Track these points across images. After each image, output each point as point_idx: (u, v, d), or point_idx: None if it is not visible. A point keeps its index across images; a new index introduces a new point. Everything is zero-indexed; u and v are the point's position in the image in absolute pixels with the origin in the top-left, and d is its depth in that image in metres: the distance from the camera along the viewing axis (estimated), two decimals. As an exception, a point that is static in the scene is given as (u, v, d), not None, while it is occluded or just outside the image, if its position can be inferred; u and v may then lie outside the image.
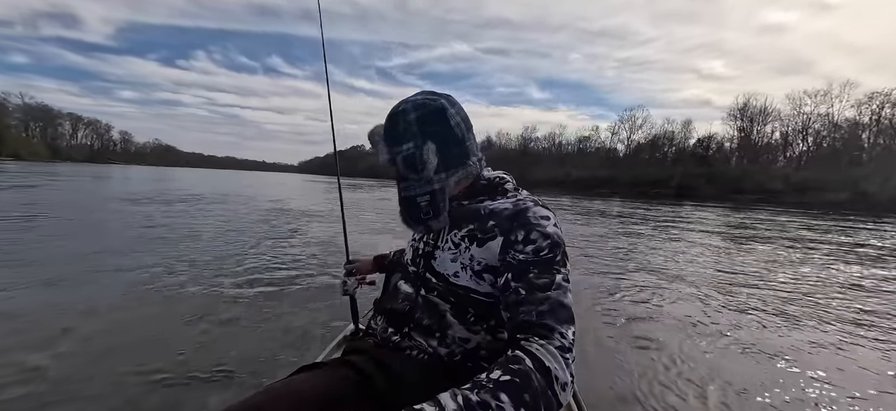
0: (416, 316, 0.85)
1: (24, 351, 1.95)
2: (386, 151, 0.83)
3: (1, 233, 4.85)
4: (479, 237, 0.79)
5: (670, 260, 5.40)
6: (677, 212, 16.32)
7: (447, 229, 0.85)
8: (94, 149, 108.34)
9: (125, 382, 1.72)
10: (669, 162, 59.67)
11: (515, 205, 0.79)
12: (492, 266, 0.77)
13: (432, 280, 0.85)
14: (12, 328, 2.21)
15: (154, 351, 2.02)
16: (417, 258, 0.89)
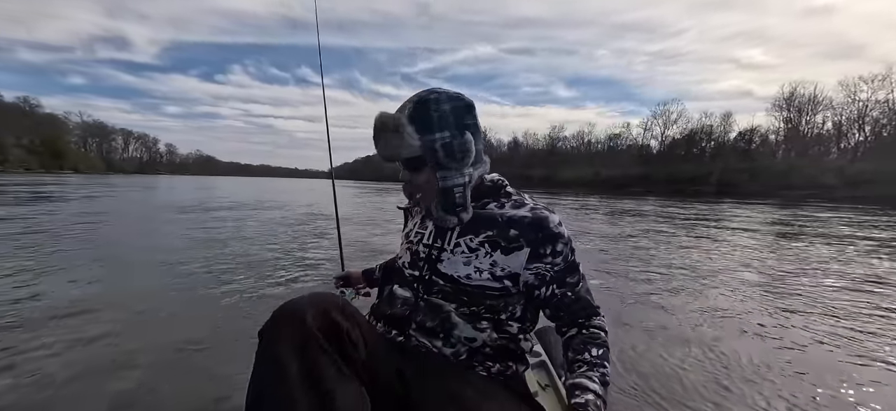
0: (418, 319, 0.85)
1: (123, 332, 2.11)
2: (416, 137, 0.81)
3: (77, 238, 5.30)
4: (503, 245, 0.83)
5: (721, 267, 5.12)
6: (719, 210, 15.47)
7: (456, 231, 0.86)
8: (143, 162, 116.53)
9: (184, 346, 2.01)
10: (708, 157, 56.67)
11: (534, 215, 0.84)
12: (515, 273, 0.83)
13: (439, 282, 0.85)
14: (110, 307, 2.55)
15: (198, 322, 2.34)
16: (418, 261, 0.89)
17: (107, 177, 50.95)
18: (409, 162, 0.85)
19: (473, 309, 0.84)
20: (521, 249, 0.82)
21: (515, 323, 0.86)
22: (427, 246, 0.89)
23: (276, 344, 0.64)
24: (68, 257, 4.14)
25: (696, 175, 47.66)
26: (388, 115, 0.83)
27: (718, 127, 59.31)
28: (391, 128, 0.82)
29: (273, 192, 19.18)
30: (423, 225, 0.93)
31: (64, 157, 77.17)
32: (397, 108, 0.85)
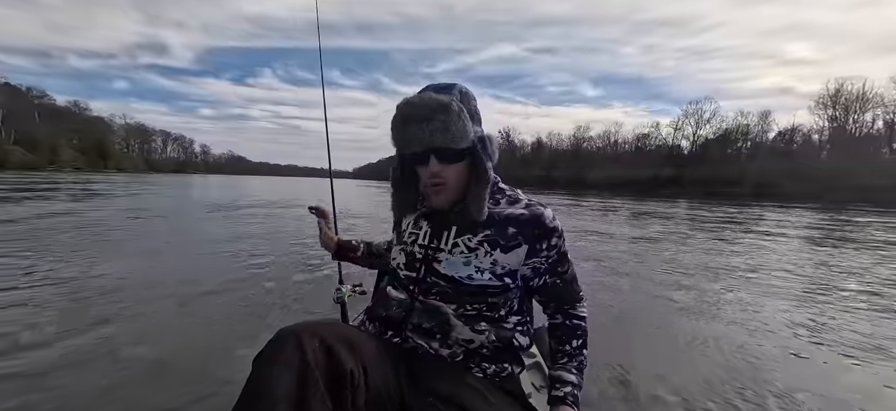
0: (415, 321, 0.84)
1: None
2: (471, 126, 0.79)
3: (131, 231, 5.68)
4: (502, 244, 0.82)
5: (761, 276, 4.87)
6: (755, 214, 14.72)
7: (453, 231, 0.84)
8: (180, 161, 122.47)
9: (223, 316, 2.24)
10: (745, 158, 54.03)
11: (530, 212, 0.84)
12: (514, 270, 0.84)
13: (439, 283, 0.83)
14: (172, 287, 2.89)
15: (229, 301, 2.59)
16: (415, 263, 0.86)
17: (147, 175, 53.92)
18: (450, 152, 0.79)
19: (474, 308, 0.83)
20: (520, 246, 0.83)
21: (513, 317, 0.87)
22: (423, 247, 0.87)
23: (269, 377, 0.60)
24: (130, 244, 4.65)
25: (732, 177, 45.49)
26: (447, 98, 0.77)
27: (756, 126, 56.49)
28: (455, 110, 0.77)
29: (298, 192, 19.76)
30: (416, 225, 0.91)
31: (109, 157, 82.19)
32: (429, 93, 0.78)
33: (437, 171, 0.79)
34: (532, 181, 66.68)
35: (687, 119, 63.59)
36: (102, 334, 2.14)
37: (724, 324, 2.68)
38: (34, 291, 2.81)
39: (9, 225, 5.79)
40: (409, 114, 0.77)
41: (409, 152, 0.81)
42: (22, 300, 2.63)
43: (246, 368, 0.65)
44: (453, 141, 0.77)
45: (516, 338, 0.87)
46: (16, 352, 1.89)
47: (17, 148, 60.55)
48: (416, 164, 0.82)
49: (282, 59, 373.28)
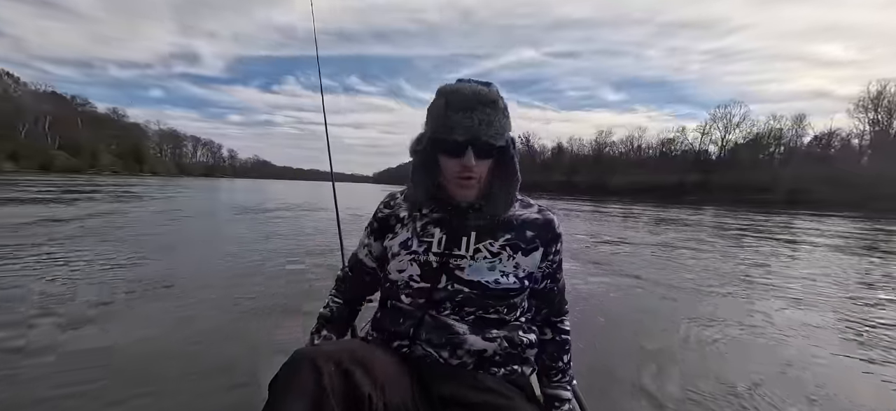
0: (424, 336, 0.82)
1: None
2: (502, 123, 0.78)
3: (169, 229, 6.03)
4: (523, 247, 0.84)
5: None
6: (791, 224, 14.11)
7: (473, 237, 0.83)
8: (209, 165, 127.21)
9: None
10: (777, 164, 51.76)
11: (543, 216, 0.87)
12: (532, 272, 0.86)
13: (463, 289, 0.81)
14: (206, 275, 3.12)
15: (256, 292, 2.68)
16: (432, 272, 0.83)
17: (179, 179, 56.34)
18: (487, 147, 0.78)
19: (495, 312, 0.83)
20: (538, 249, 0.85)
21: (524, 317, 0.89)
22: (438, 254, 0.83)
23: (285, 405, 0.61)
24: (175, 239, 5.09)
25: (763, 183, 43.65)
26: (494, 92, 0.77)
27: (790, 130, 54.05)
28: (501, 106, 0.78)
29: (319, 196, 20.27)
30: (426, 233, 0.85)
31: (144, 161, 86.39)
32: (476, 85, 0.78)
33: (472, 165, 0.77)
34: (552, 186, 65.87)
35: (715, 123, 61.51)
36: (165, 308, 2.62)
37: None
38: (108, 273, 3.39)
39: (69, 223, 6.30)
40: (457, 102, 0.75)
41: (450, 139, 0.76)
42: (103, 280, 3.21)
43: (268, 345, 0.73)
44: (494, 136, 0.77)
45: (527, 337, 0.87)
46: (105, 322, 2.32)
47: (62, 152, 64.53)
48: (448, 154, 0.78)
49: (305, 66, 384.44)
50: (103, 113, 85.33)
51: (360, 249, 0.99)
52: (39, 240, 4.75)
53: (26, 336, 2.11)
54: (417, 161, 0.84)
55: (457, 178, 0.79)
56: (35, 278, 3.20)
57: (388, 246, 0.90)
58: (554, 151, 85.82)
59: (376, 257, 0.95)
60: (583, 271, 4.47)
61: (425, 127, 0.82)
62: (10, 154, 53.90)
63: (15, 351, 1.94)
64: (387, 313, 0.89)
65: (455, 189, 0.82)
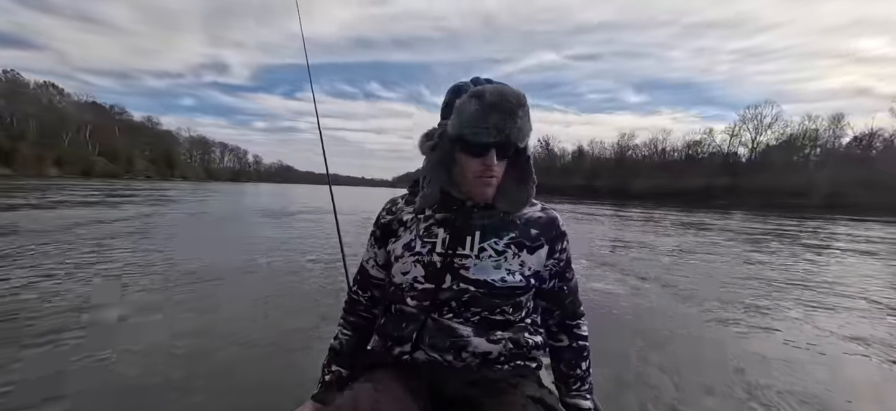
0: (427, 340, 0.82)
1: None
2: (527, 127, 0.79)
3: (200, 229, 6.37)
4: (528, 245, 0.84)
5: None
6: (829, 229, 13.48)
7: (477, 236, 0.83)
8: (235, 170, 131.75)
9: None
10: (813, 166, 49.34)
11: (546, 215, 0.89)
12: (537, 270, 0.86)
13: (469, 288, 0.81)
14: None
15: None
16: (436, 272, 0.82)
17: (207, 184, 58.53)
18: (510, 149, 0.80)
19: (501, 311, 0.83)
20: (543, 247, 0.86)
21: (529, 318, 0.89)
22: (442, 254, 0.83)
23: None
24: (205, 237, 5.25)
25: (797, 186, 41.69)
26: (522, 93, 0.77)
27: (826, 131, 51.50)
28: (527, 111, 0.78)
29: (340, 200, 20.79)
30: (429, 234, 0.85)
31: (175, 167, 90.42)
32: (506, 86, 0.78)
33: (494, 165, 0.78)
34: (573, 190, 64.83)
35: (745, 124, 59.29)
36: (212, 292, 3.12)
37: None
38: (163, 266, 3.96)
39: (123, 222, 6.77)
40: (494, 104, 0.74)
41: (480, 141, 0.76)
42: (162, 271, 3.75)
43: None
44: (519, 138, 0.78)
45: (533, 339, 0.87)
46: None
47: (101, 158, 68.29)
48: (471, 154, 0.79)
49: (327, 73, 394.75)
50: (139, 121, 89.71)
51: (366, 262, 0.97)
52: (101, 236, 5.31)
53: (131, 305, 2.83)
54: (435, 158, 0.83)
55: (478, 178, 0.79)
56: (117, 266, 3.82)
57: (391, 249, 0.89)
58: (574, 155, 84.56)
59: (382, 265, 0.94)
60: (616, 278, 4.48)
61: (446, 124, 0.81)
62: (55, 160, 57.48)
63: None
64: (390, 319, 0.88)
65: (477, 188, 0.81)
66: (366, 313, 0.97)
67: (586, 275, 4.42)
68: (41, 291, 3.00)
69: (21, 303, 2.73)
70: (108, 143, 73.01)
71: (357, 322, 0.97)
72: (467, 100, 0.76)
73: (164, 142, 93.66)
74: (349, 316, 0.98)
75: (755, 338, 2.67)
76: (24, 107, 60.41)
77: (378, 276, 0.95)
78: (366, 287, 0.97)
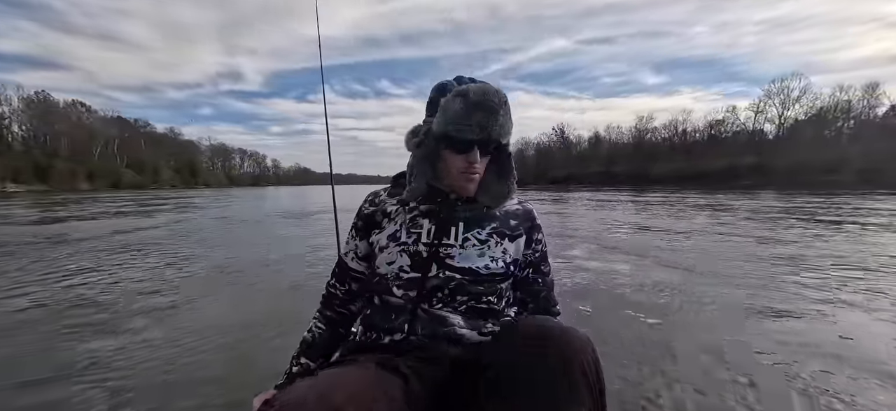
0: (419, 331, 0.82)
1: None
2: (508, 124, 0.82)
3: (225, 234, 6.58)
4: (509, 234, 0.89)
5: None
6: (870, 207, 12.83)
7: (461, 227, 0.86)
8: (255, 175, 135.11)
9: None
10: (846, 140, 46.99)
11: (523, 207, 0.94)
12: (517, 258, 0.91)
13: (455, 276, 0.83)
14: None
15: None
16: (422, 262, 0.84)
17: (230, 189, 60.29)
18: (492, 146, 0.83)
19: (485, 299, 0.85)
20: (521, 237, 0.91)
21: (511, 309, 0.92)
22: (428, 244, 0.85)
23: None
24: (245, 237, 5.48)
25: (829, 162, 39.79)
26: (502, 91, 0.81)
27: (860, 102, 48.80)
28: (508, 106, 0.82)
29: (354, 199, 21.08)
30: (415, 225, 0.87)
31: (198, 175, 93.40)
32: (489, 84, 0.81)
33: (478, 161, 0.82)
34: (592, 178, 63.68)
35: (770, 100, 56.82)
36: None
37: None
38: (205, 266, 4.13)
39: (159, 229, 7.07)
40: (477, 103, 0.77)
41: (465, 138, 0.79)
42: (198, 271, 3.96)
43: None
44: (501, 135, 0.82)
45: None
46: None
47: (129, 170, 71.17)
48: (455, 150, 0.82)
49: (338, 74, 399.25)
50: (162, 132, 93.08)
51: (345, 255, 0.98)
52: (145, 242, 5.60)
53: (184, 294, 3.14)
54: (421, 154, 0.87)
55: (462, 173, 0.83)
56: (165, 267, 4.15)
57: (375, 241, 0.90)
58: (591, 141, 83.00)
59: (363, 257, 0.95)
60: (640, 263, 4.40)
61: (431, 121, 0.84)
62: (87, 175, 60.24)
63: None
64: (377, 310, 0.88)
65: (460, 183, 0.85)
66: (341, 308, 0.97)
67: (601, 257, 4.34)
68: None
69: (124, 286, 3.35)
70: (134, 156, 76.05)
71: (332, 316, 0.97)
72: (452, 98, 0.79)
73: (187, 152, 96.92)
74: (325, 310, 0.98)
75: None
76: (56, 126, 63.53)
77: (357, 269, 0.96)
78: (343, 280, 0.97)
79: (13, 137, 60.09)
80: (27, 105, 62.12)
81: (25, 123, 62.10)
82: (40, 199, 21.77)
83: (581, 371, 0.61)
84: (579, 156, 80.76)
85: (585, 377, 0.61)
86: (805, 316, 2.57)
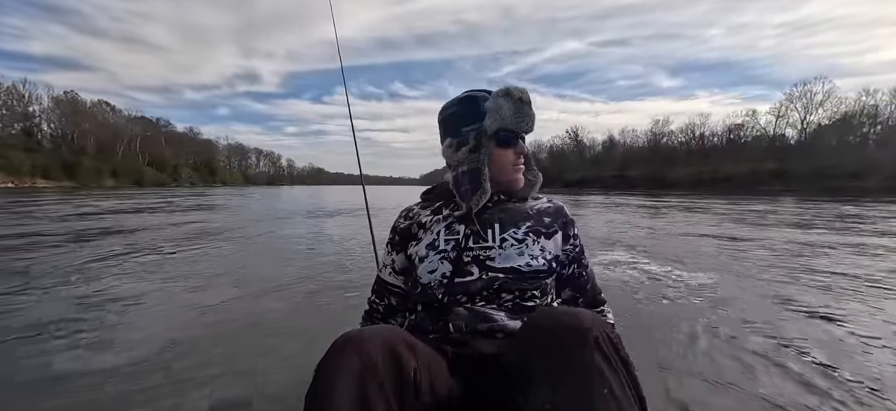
0: (464, 327, 0.84)
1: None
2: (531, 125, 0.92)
3: (237, 230, 6.76)
4: (544, 232, 0.92)
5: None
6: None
7: (497, 229, 0.89)
8: (270, 174, 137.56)
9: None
10: (873, 146, 45.37)
11: (553, 204, 0.98)
12: (556, 255, 0.92)
13: (499, 276, 0.85)
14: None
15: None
16: (463, 266, 0.86)
17: (246, 188, 61.44)
18: (519, 136, 0.93)
19: (529, 295, 0.86)
20: (557, 233, 0.93)
21: (555, 304, 0.94)
22: (467, 249, 0.87)
23: (332, 384, 0.61)
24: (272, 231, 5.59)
25: (854, 168, 38.44)
26: (520, 92, 0.91)
27: (888, 106, 47.06)
28: (524, 106, 0.91)
29: (374, 199, 21.21)
30: (451, 231, 0.90)
31: (216, 173, 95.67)
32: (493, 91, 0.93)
33: (525, 150, 0.93)
34: (606, 181, 62.82)
35: (792, 104, 55.23)
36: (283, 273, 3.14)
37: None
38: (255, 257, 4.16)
39: (195, 224, 7.29)
40: (521, 98, 0.89)
41: (518, 130, 0.91)
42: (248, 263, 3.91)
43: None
44: (532, 129, 0.94)
45: None
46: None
47: (150, 169, 73.30)
48: (506, 146, 0.91)
49: (352, 76, 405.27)
50: (182, 131, 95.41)
51: (382, 271, 1.02)
52: (184, 236, 5.83)
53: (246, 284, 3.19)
54: (479, 158, 0.90)
55: (515, 166, 0.92)
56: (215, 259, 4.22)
57: (413, 253, 0.93)
58: (605, 145, 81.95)
59: (400, 271, 0.98)
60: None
61: (482, 123, 0.90)
62: (111, 172, 62.28)
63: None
64: (422, 315, 0.91)
65: (514, 176, 0.93)
66: (382, 321, 1.02)
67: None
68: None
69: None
70: (156, 154, 78.24)
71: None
72: (501, 99, 0.88)
73: (206, 151, 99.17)
74: (366, 321, 1.05)
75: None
76: (84, 125, 65.87)
77: (394, 283, 1.00)
78: (382, 295, 1.02)
79: (42, 135, 62.55)
80: (57, 104, 64.60)
81: (54, 122, 64.62)
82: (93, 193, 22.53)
83: (598, 351, 0.60)
84: (593, 159, 79.81)
85: (604, 355, 0.60)
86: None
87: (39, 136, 61.65)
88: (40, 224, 7.72)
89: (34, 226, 7.42)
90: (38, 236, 5.86)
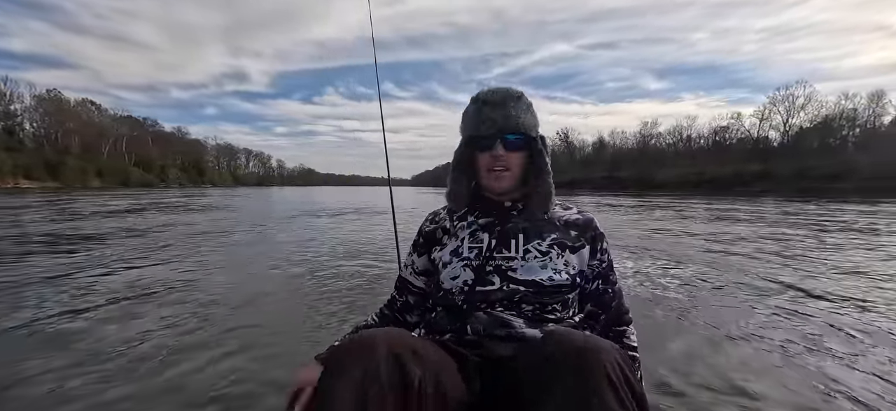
0: (483, 331, 0.83)
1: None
2: (529, 117, 0.87)
3: (232, 232, 6.84)
4: (570, 246, 0.89)
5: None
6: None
7: (521, 238, 0.87)
8: (260, 175, 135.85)
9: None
10: (852, 148, 46.79)
11: (583, 216, 0.93)
12: (582, 269, 0.90)
13: (519, 289, 0.84)
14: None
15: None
16: (485, 275, 0.86)
17: (235, 189, 60.67)
18: (515, 139, 0.86)
19: (550, 308, 0.85)
20: (584, 248, 0.90)
21: (576, 317, 0.91)
22: (490, 258, 0.86)
23: (335, 388, 0.60)
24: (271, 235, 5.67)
25: (834, 170, 39.65)
26: (519, 91, 0.88)
27: (865, 110, 48.58)
28: (525, 102, 0.88)
29: (361, 201, 21.18)
30: (474, 239, 0.90)
31: (205, 174, 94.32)
32: (502, 86, 0.89)
33: (500, 155, 0.85)
34: (596, 182, 63.52)
35: (775, 107, 56.62)
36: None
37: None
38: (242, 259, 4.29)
39: (187, 227, 7.32)
40: (484, 100, 0.86)
41: (481, 134, 0.86)
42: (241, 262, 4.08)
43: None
44: (520, 127, 0.85)
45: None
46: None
47: (137, 169, 71.96)
48: (481, 150, 0.87)
49: (343, 76, 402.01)
50: (169, 131, 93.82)
51: (403, 269, 1.04)
52: (191, 235, 5.79)
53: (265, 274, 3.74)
54: (454, 161, 0.94)
55: (491, 171, 0.86)
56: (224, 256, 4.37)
57: (437, 257, 0.93)
58: (595, 146, 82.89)
59: (420, 272, 0.99)
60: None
61: (461, 132, 0.92)
62: (97, 172, 61.00)
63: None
64: (440, 316, 0.90)
65: (490, 181, 0.88)
66: (399, 315, 1.04)
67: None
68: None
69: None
70: (143, 154, 76.82)
71: (389, 315, 1.04)
72: (469, 106, 0.90)
73: (194, 151, 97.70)
74: (385, 308, 1.06)
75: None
76: (67, 124, 64.38)
77: (414, 283, 1.00)
78: (402, 292, 1.04)
79: (24, 134, 60.98)
80: (39, 102, 63.05)
81: (36, 121, 63.06)
82: (90, 196, 22.06)
83: (606, 380, 0.58)
84: (583, 160, 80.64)
85: (612, 385, 0.58)
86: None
87: (21, 135, 60.09)
88: (35, 225, 7.67)
89: (32, 227, 7.40)
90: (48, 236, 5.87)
